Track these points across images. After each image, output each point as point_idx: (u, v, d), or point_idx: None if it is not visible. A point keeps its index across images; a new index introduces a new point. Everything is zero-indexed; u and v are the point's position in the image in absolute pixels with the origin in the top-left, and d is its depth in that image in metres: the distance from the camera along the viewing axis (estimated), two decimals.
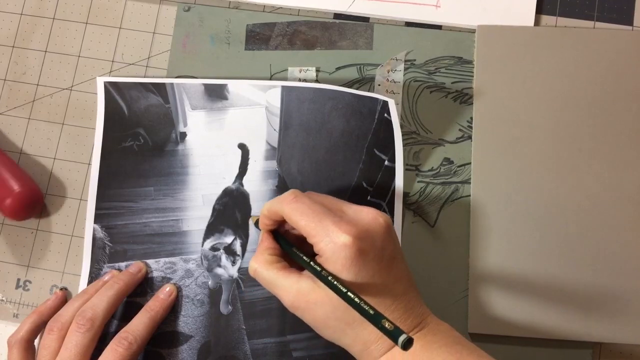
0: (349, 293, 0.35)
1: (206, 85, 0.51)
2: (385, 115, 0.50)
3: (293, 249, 0.40)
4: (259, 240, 0.42)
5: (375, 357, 0.38)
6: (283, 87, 0.51)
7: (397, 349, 0.37)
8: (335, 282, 0.36)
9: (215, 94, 0.51)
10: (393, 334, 0.33)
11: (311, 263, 0.38)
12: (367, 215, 0.39)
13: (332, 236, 0.37)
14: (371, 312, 0.34)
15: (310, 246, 0.38)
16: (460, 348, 0.38)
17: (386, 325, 0.33)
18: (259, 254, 0.41)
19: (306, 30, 0.53)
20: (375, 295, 0.37)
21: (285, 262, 0.40)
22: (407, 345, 0.32)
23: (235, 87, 0.51)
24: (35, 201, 0.50)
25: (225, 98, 0.51)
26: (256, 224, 0.44)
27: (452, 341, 0.38)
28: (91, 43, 0.54)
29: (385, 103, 0.50)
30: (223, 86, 0.51)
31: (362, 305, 0.35)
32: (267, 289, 0.40)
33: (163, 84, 0.51)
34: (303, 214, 0.38)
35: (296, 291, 0.38)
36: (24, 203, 0.49)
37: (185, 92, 0.51)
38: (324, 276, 0.36)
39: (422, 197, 0.50)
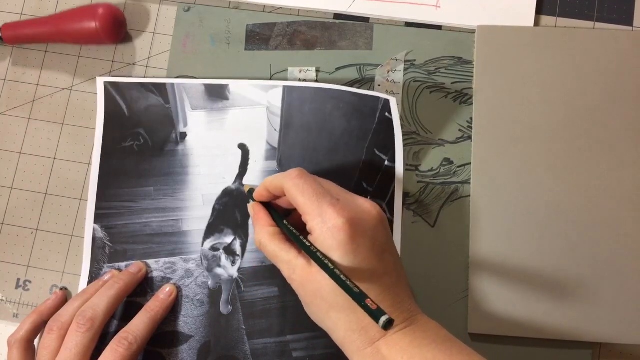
0: (335, 270, 0.36)
1: (207, 86, 0.51)
2: (386, 114, 0.50)
3: (284, 222, 0.41)
4: (253, 214, 0.43)
5: (358, 348, 0.37)
6: (284, 87, 0.51)
7: (382, 342, 0.37)
8: (322, 258, 0.37)
9: (216, 94, 0.51)
10: (375, 314, 0.33)
11: (301, 237, 0.39)
12: (363, 204, 0.40)
13: (326, 217, 0.38)
14: (355, 290, 0.35)
15: (304, 226, 0.39)
16: (450, 345, 0.38)
17: (369, 305, 0.34)
18: (261, 227, 0.42)
19: (306, 30, 0.53)
20: (362, 282, 0.37)
21: (285, 236, 0.41)
22: (387, 326, 0.33)
23: (237, 87, 0.51)
24: (121, 19, 0.52)
25: (226, 98, 0.51)
26: (249, 193, 0.45)
27: (442, 339, 0.38)
28: None
29: (387, 102, 0.50)
30: (224, 86, 0.51)
31: (347, 282, 0.35)
32: (271, 261, 0.41)
33: (164, 84, 0.51)
34: (304, 192, 0.39)
35: (295, 266, 0.39)
36: (112, 22, 0.51)
37: (186, 93, 0.51)
38: (312, 251, 0.37)
39: (422, 197, 0.50)
